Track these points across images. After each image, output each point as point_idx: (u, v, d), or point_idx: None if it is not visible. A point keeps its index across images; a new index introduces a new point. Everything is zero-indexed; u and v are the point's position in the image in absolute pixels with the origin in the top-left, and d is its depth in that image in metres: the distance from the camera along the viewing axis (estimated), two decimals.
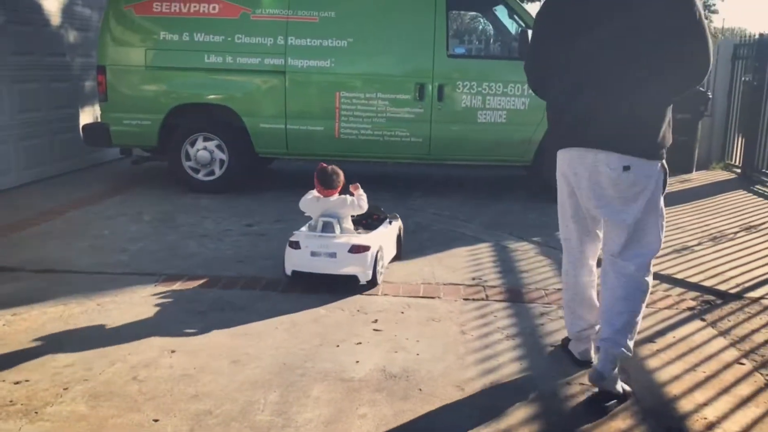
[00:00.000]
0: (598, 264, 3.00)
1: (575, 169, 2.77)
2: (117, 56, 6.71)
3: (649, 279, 2.80)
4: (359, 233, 4.30)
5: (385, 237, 4.38)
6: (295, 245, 4.09)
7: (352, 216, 4.32)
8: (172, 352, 3.17)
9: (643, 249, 2.77)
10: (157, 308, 3.71)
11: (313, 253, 4.05)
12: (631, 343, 2.76)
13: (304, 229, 4.27)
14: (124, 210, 6.06)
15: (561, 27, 2.74)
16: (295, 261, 4.10)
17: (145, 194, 6.76)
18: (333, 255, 4.03)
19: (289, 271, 4.15)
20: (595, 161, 2.68)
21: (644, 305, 2.80)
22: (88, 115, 8.16)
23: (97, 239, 5.11)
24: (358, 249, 4.01)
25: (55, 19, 7.53)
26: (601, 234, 2.95)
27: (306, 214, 4.39)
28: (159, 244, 4.99)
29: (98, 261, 4.57)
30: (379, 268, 4.14)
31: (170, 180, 7.08)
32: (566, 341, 3.26)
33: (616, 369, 2.76)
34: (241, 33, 6.57)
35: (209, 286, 4.10)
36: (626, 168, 2.64)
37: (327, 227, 4.15)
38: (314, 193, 4.26)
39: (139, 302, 3.80)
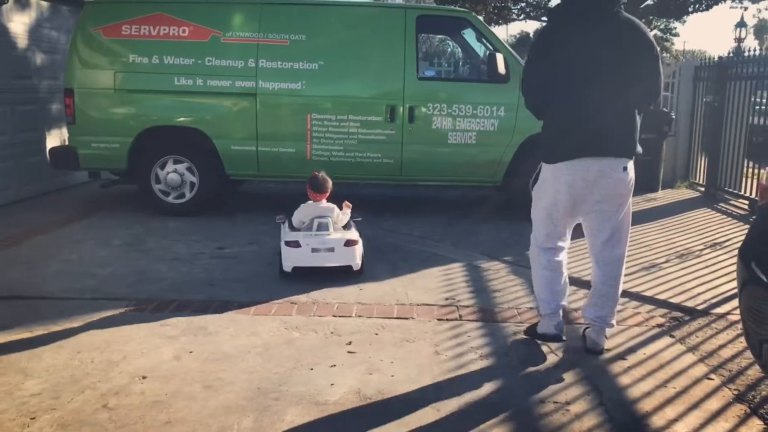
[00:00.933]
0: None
1: (583, 175, 3.25)
2: (85, 79, 6.65)
3: None
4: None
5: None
6: (296, 244, 4.65)
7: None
8: (144, 378, 3.12)
9: (626, 234, 3.46)
10: (128, 334, 3.65)
11: (314, 250, 4.66)
12: None
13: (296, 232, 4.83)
14: (93, 234, 5.97)
15: (563, 58, 3.21)
16: (296, 258, 4.65)
17: (114, 218, 6.67)
18: (332, 249, 4.69)
19: (289, 269, 4.66)
20: (603, 166, 3.24)
21: None
22: (54, 139, 8.05)
23: (65, 264, 5.02)
24: (351, 243, 4.71)
25: (22, 41, 7.44)
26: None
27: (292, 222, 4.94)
28: (129, 268, 4.92)
29: (66, 286, 4.49)
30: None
31: (140, 203, 6.99)
32: (531, 329, 3.63)
33: None
34: (211, 56, 6.56)
35: (180, 310, 4.05)
36: (624, 169, 3.29)
37: (321, 227, 4.79)
38: (306, 204, 4.95)
39: (108, 328, 3.73)
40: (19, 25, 7.38)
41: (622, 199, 3.35)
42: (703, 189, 9.09)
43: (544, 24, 3.27)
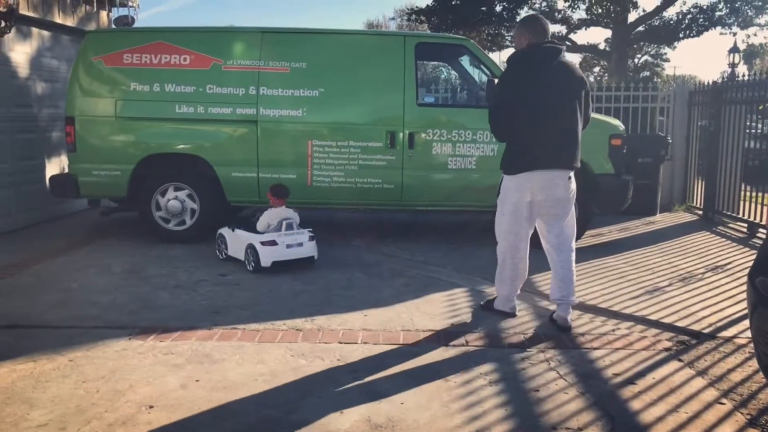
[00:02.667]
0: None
1: (540, 184, 4.13)
2: (86, 107, 6.68)
3: None
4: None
5: None
6: (272, 243, 5.56)
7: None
8: (150, 407, 3.08)
9: (573, 229, 4.37)
10: (133, 362, 3.62)
11: (288, 246, 5.65)
12: None
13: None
14: (93, 262, 5.94)
15: (528, 91, 4.06)
16: (274, 254, 5.55)
17: (114, 245, 6.65)
18: (301, 244, 5.73)
19: (269, 264, 5.52)
20: (553, 176, 4.14)
21: None
22: (54, 167, 8.05)
23: (65, 292, 4.99)
24: (312, 238, 5.81)
25: (23, 70, 7.48)
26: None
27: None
28: (130, 296, 4.89)
29: (68, 315, 4.45)
30: None
31: (140, 230, 6.98)
32: (489, 303, 4.60)
33: None
34: (212, 83, 6.61)
35: (185, 338, 4.01)
36: (569, 178, 4.20)
37: (289, 227, 5.76)
38: (272, 209, 5.89)
39: (113, 357, 3.70)
40: (21, 54, 7.42)
41: (568, 203, 4.24)
42: (701, 212, 9.13)
43: (507, 67, 4.34)
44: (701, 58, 79.10)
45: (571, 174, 4.22)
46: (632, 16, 20.67)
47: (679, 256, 6.45)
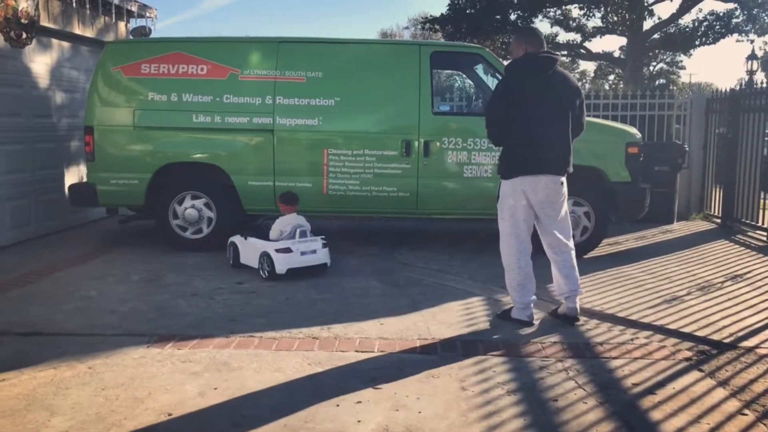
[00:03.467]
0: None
1: (535, 187, 4.33)
2: (105, 117, 6.76)
3: None
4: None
5: None
6: (287, 250, 5.62)
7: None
8: (169, 415, 3.09)
9: (569, 230, 4.54)
10: (151, 370, 3.64)
11: (302, 253, 5.68)
12: None
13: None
14: (111, 270, 5.99)
15: (524, 99, 4.26)
16: (289, 261, 5.59)
17: (131, 253, 6.70)
18: (314, 251, 5.78)
19: (284, 271, 5.56)
20: (547, 180, 4.33)
21: None
22: (73, 176, 8.14)
23: (84, 300, 5.03)
24: (325, 245, 5.85)
25: (44, 81, 7.59)
26: None
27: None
28: (149, 304, 4.93)
29: (87, 323, 4.49)
30: None
31: (157, 239, 7.03)
32: (506, 312, 4.58)
33: None
34: (229, 93, 6.67)
35: (202, 346, 4.03)
36: (561, 183, 4.39)
37: (303, 234, 5.80)
38: (284, 216, 5.95)
39: (132, 364, 3.73)
40: (41, 65, 7.53)
41: (561, 205, 4.43)
42: (719, 221, 9.05)
43: (504, 76, 4.60)
44: (717, 66, 78.50)
45: (563, 179, 4.42)
46: (647, 24, 20.61)
47: (698, 265, 6.39)
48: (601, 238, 6.80)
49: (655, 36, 21.05)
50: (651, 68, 34.46)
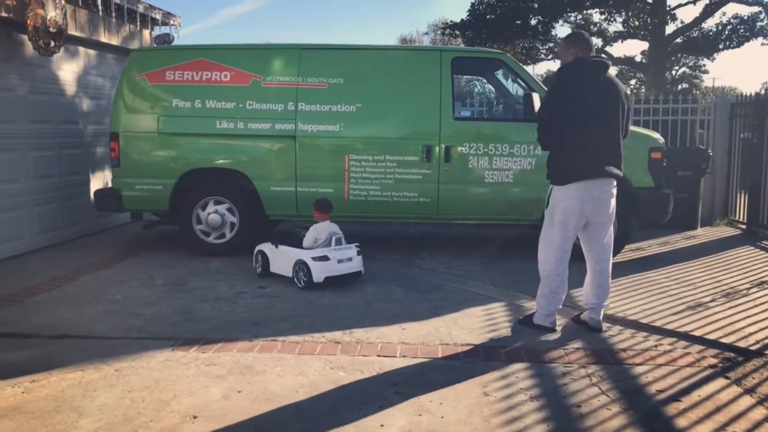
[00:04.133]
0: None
1: (591, 193, 4.27)
2: (130, 123, 6.86)
3: None
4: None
5: None
6: (324, 258, 5.50)
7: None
8: (194, 417, 3.13)
9: (612, 239, 4.52)
10: (176, 373, 3.69)
11: (339, 261, 5.58)
12: None
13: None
14: (136, 274, 6.08)
15: (579, 104, 4.23)
16: (326, 270, 5.49)
17: (155, 258, 6.79)
18: (350, 259, 5.68)
19: (321, 279, 5.46)
20: (602, 185, 4.30)
21: None
22: (98, 181, 8.27)
23: (110, 304, 5.11)
24: (359, 252, 5.76)
25: (71, 88, 7.73)
26: None
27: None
28: (173, 308, 4.99)
29: (113, 326, 4.56)
30: None
31: (180, 243, 7.12)
32: (528, 318, 4.57)
33: None
34: (252, 99, 6.74)
35: (226, 349, 4.08)
36: (614, 187, 4.40)
37: (338, 241, 5.66)
38: (319, 224, 5.82)
39: (157, 367, 3.78)
40: (69, 72, 7.67)
41: (612, 210, 4.42)
42: (743, 227, 8.93)
43: (557, 80, 4.48)
44: (742, 70, 77.47)
45: (615, 183, 4.41)
46: (670, 28, 20.42)
47: (722, 271, 6.31)
48: (624, 243, 6.75)
49: (678, 40, 20.84)
50: (673, 72, 34.12)
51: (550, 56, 22.26)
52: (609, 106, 4.29)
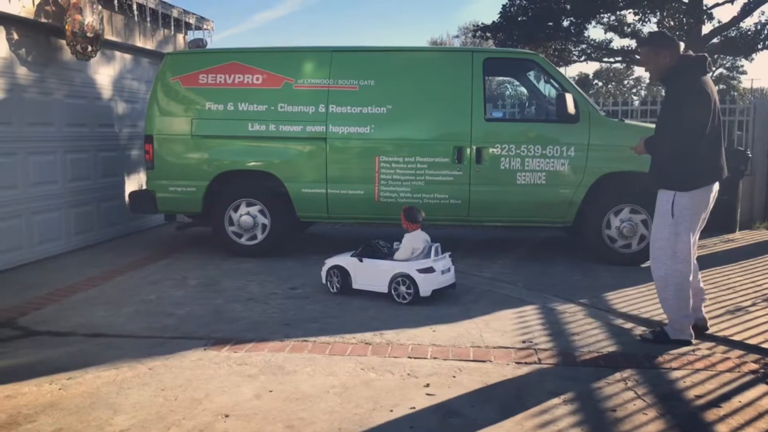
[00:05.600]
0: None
1: (713, 195, 4.16)
2: (164, 126, 6.96)
3: None
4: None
5: None
6: (430, 270, 5.06)
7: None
8: (226, 416, 3.15)
9: None
10: (209, 372, 3.71)
11: (442, 272, 5.16)
12: None
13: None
14: (169, 275, 6.15)
15: (713, 104, 4.07)
16: (433, 282, 5.07)
17: (188, 259, 6.86)
18: (449, 270, 5.29)
19: (428, 293, 5.06)
20: (716, 188, 4.19)
21: None
22: (133, 183, 8.41)
23: (144, 304, 5.18)
24: (452, 262, 5.36)
25: (107, 92, 7.88)
26: None
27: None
28: (205, 308, 5.03)
29: (147, 325, 4.62)
30: None
31: (212, 244, 7.19)
32: (660, 334, 4.22)
33: None
34: (283, 102, 6.78)
35: (258, 349, 4.10)
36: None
37: (437, 251, 5.25)
38: (413, 234, 5.34)
39: (189, 366, 3.81)
40: (105, 76, 7.82)
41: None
42: None
43: (687, 80, 4.08)
44: None
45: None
46: (706, 28, 20.00)
47: (763, 275, 6.14)
48: None
49: (715, 40, 20.39)
50: (710, 73, 33.44)
51: (582, 58, 21.99)
52: (717, 107, 4.15)
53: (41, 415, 3.17)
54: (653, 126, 7.20)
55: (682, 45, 4.27)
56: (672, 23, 19.98)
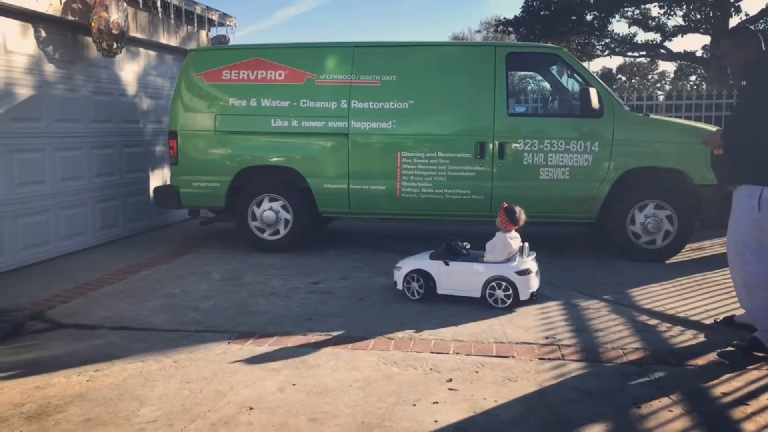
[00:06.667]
0: None
1: None
2: (188, 122, 7.02)
3: None
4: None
5: None
6: (527, 272, 4.86)
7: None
8: (250, 409, 3.18)
9: None
10: (233, 365, 3.75)
11: (537, 273, 5.00)
12: None
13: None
14: (193, 269, 6.21)
15: None
16: (530, 284, 4.88)
17: (212, 254, 6.93)
18: (538, 273, 5.05)
19: (527, 296, 4.86)
20: None
21: None
22: (157, 179, 8.50)
23: (168, 297, 5.24)
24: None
25: (132, 89, 7.97)
26: None
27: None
28: (229, 302, 5.08)
29: (172, 319, 4.67)
30: None
31: (235, 239, 7.25)
32: (753, 343, 3.89)
33: None
34: (306, 98, 6.80)
35: (281, 343, 4.13)
36: None
37: (530, 253, 5.06)
38: (508, 234, 5.06)
39: (214, 359, 3.85)
40: (130, 73, 7.91)
41: None
42: None
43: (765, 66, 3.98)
44: None
45: None
46: (733, 21, 19.68)
47: None
48: (684, 242, 6.54)
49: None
50: None
51: (606, 52, 21.76)
52: None
53: (70, 406, 3.22)
54: (682, 121, 7.14)
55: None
56: (698, 16, 19.68)
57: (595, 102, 6.27)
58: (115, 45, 6.88)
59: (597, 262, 6.43)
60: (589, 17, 19.96)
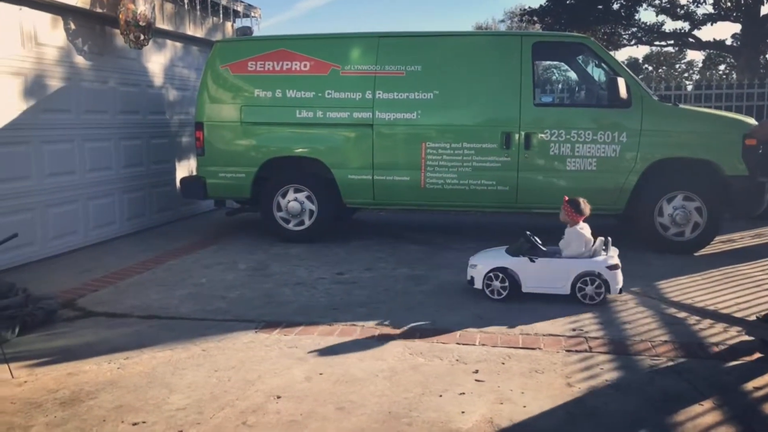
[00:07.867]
0: None
1: None
2: (214, 113, 7.07)
3: None
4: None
5: None
6: (616, 267, 4.72)
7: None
8: (278, 397, 3.21)
9: None
10: (260, 354, 3.79)
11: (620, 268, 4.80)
12: None
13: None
14: (220, 259, 6.27)
15: None
16: (619, 279, 4.72)
17: (238, 244, 6.99)
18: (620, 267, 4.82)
19: (618, 291, 4.73)
20: None
21: None
22: (183, 169, 8.58)
23: (196, 287, 5.30)
24: None
25: (158, 80, 8.04)
26: None
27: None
28: (255, 292, 5.12)
29: (199, 308, 4.73)
30: None
31: (260, 230, 7.30)
32: None
33: None
34: (330, 89, 6.81)
35: (307, 332, 4.16)
36: None
37: (610, 246, 4.88)
38: (577, 226, 4.92)
39: (241, 348, 3.89)
40: (156, 64, 7.98)
41: None
42: None
43: None
44: None
45: None
46: (765, 8, 19.24)
47: None
48: (714, 234, 6.44)
49: None
50: None
51: (633, 41, 21.42)
52: None
53: (102, 393, 3.28)
54: (712, 111, 6.99)
55: None
56: (729, 4, 19.29)
57: (623, 92, 6.18)
58: (142, 36, 6.94)
59: (624, 254, 6.29)
60: (615, 6, 19.66)
